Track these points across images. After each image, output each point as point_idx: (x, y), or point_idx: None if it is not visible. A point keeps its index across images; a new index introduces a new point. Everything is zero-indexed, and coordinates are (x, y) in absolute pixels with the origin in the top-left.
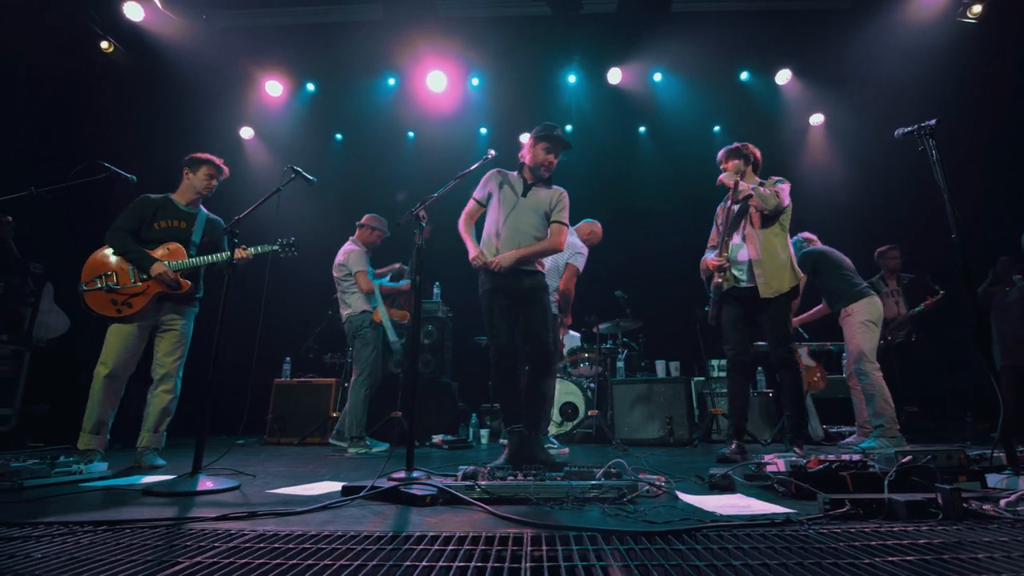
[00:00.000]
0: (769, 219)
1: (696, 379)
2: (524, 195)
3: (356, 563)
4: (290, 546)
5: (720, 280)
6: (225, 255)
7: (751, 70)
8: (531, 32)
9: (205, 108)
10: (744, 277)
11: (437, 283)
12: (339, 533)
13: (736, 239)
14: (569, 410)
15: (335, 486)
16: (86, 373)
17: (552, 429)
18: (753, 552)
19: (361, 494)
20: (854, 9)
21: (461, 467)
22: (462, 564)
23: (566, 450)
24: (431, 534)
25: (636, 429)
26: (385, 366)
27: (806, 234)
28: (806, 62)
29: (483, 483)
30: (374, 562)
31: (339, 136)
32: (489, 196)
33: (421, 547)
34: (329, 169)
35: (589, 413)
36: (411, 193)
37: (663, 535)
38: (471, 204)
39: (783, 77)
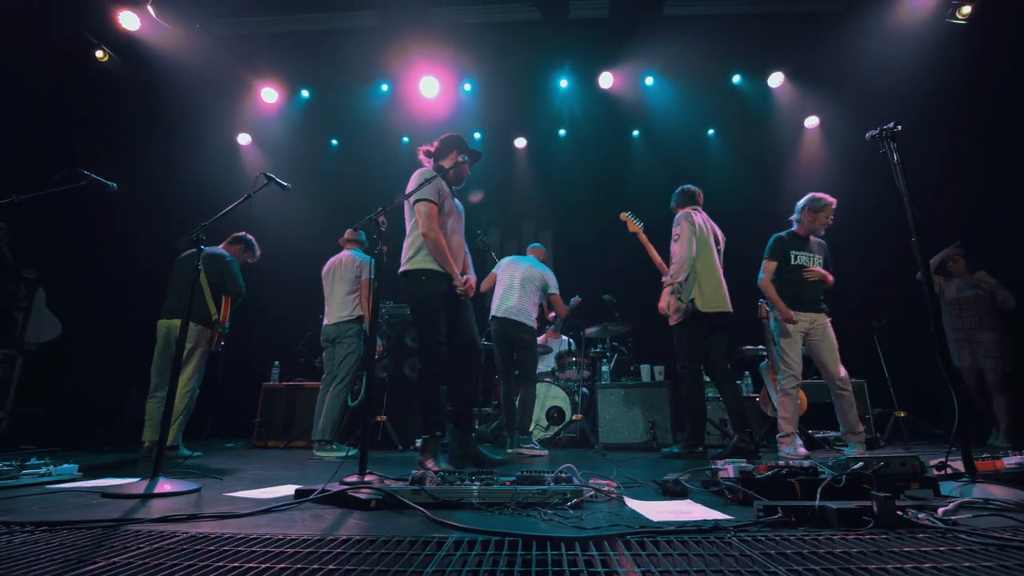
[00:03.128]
0: None
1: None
2: (460, 207)
3: (264, 565)
4: (211, 548)
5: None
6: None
7: (743, 73)
8: (523, 37)
9: (202, 115)
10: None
11: None
12: (267, 536)
13: None
14: (555, 414)
15: (294, 489)
16: (76, 377)
17: (538, 433)
18: (665, 559)
19: (310, 497)
20: (847, 11)
21: (412, 471)
22: (366, 568)
23: (545, 452)
24: (356, 538)
25: (620, 434)
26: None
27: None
28: (799, 64)
29: (429, 487)
30: (283, 564)
31: (335, 141)
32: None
33: (338, 551)
34: (325, 174)
35: (573, 417)
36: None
37: (583, 541)
38: (434, 208)
39: (776, 80)
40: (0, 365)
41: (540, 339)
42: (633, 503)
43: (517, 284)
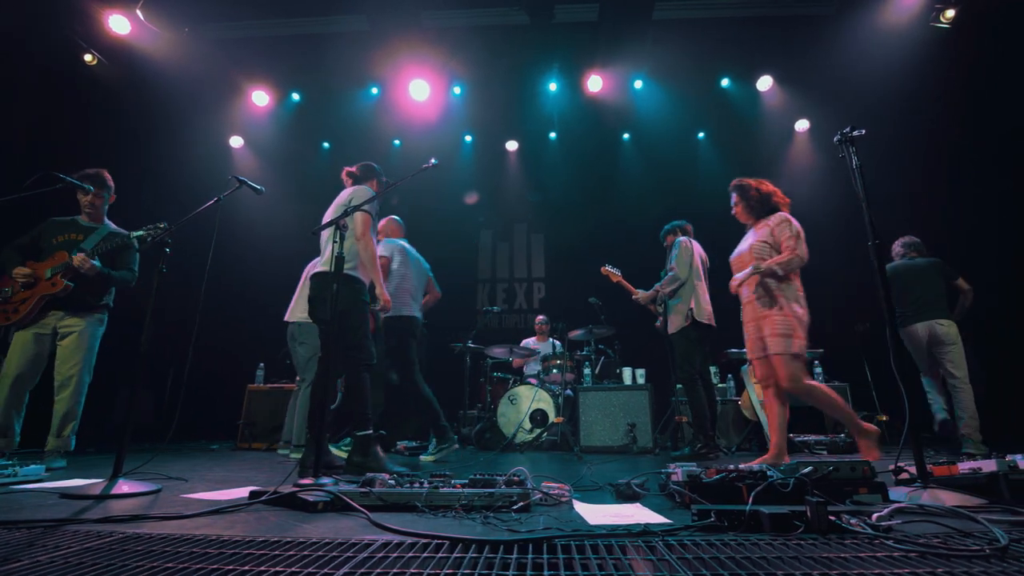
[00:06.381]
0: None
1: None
2: None
3: (181, 565)
4: (140, 548)
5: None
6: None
7: (732, 77)
8: (512, 41)
9: (193, 119)
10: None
11: None
12: (200, 537)
13: None
14: (538, 417)
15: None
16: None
17: (521, 435)
18: (580, 563)
19: (261, 499)
20: (835, 15)
21: (368, 473)
22: (279, 569)
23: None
24: (286, 539)
25: (600, 436)
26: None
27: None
28: (788, 68)
29: (378, 490)
30: (199, 564)
31: (326, 144)
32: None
33: (262, 552)
34: (317, 177)
35: (554, 420)
36: (401, 199)
37: (508, 544)
38: (370, 219)
39: (764, 84)
40: None
41: (530, 342)
42: (581, 507)
43: (421, 279)
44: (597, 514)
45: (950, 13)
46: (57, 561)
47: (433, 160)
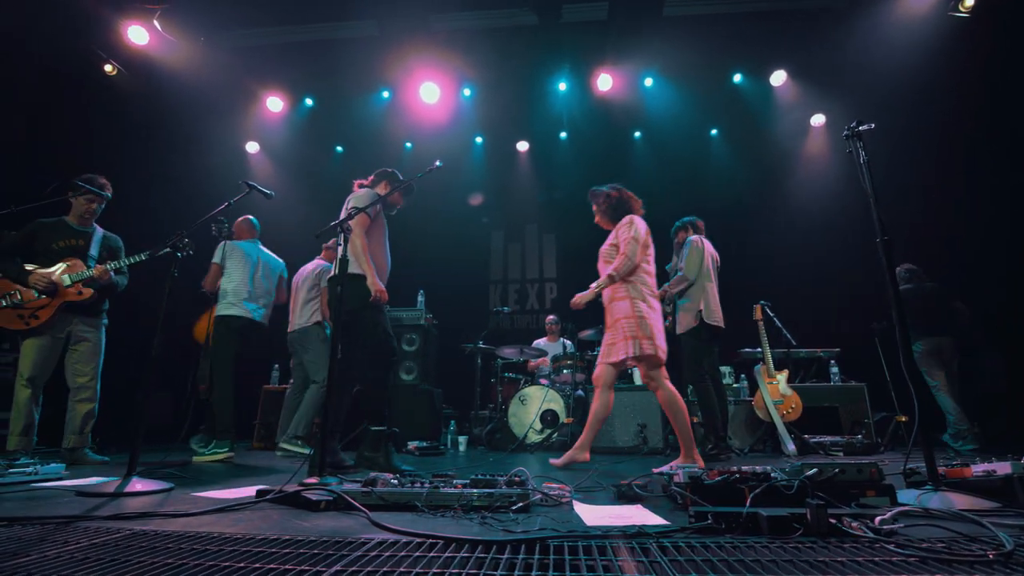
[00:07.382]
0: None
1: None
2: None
3: (180, 561)
4: (144, 544)
5: None
6: (117, 264)
7: (744, 72)
8: (521, 41)
9: (211, 125)
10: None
11: (421, 291)
12: (204, 534)
13: None
14: (549, 417)
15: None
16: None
17: (532, 436)
18: (571, 564)
19: (266, 498)
20: (849, 7)
21: (371, 473)
22: (273, 566)
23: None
24: (285, 537)
25: (611, 437)
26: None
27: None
28: (802, 62)
29: (379, 489)
30: (197, 561)
31: (339, 148)
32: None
33: (259, 549)
34: (331, 181)
35: (565, 421)
36: (412, 201)
37: (500, 544)
38: (366, 219)
39: (778, 78)
40: (10, 368)
41: (540, 342)
42: (581, 507)
43: (269, 280)
44: (596, 515)
45: (969, 2)
46: (64, 556)
47: (438, 162)
